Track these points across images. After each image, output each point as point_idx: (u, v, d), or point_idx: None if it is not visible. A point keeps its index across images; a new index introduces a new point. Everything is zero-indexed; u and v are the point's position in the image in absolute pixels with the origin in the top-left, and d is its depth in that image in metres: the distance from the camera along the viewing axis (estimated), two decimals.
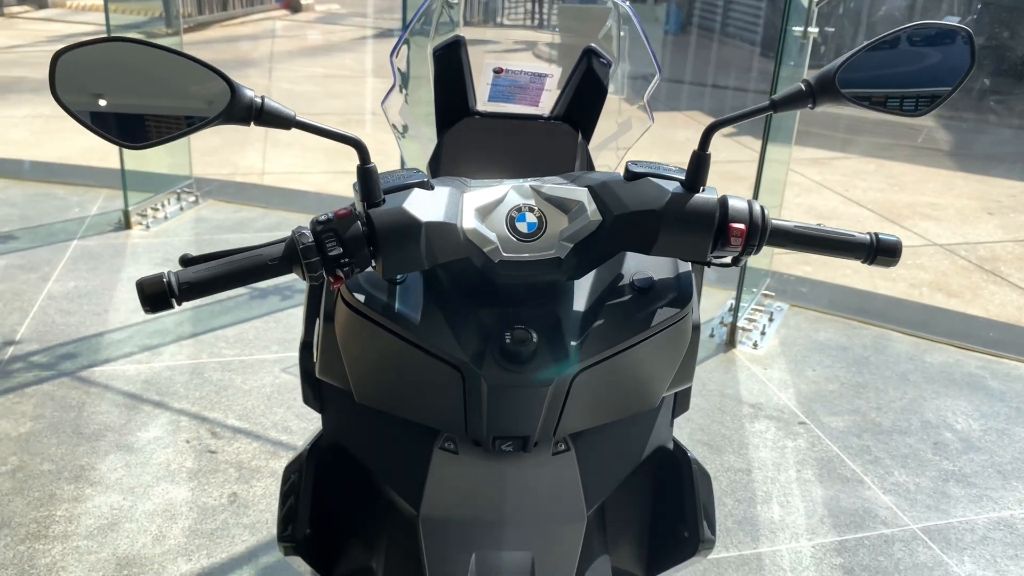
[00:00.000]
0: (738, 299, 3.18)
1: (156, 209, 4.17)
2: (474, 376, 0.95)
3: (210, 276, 0.86)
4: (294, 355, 2.96)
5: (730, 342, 3.18)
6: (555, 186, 0.97)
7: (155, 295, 0.84)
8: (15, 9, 11.87)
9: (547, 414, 1.00)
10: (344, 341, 1.03)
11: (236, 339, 3.05)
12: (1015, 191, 5.62)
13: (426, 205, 0.91)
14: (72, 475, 2.30)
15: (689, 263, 1.06)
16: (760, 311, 3.39)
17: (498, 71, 1.20)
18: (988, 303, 3.79)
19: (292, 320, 3.21)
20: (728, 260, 0.99)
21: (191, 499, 2.23)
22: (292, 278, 3.60)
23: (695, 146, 0.95)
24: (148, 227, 4.03)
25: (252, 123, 0.87)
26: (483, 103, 1.23)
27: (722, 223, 0.93)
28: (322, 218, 0.88)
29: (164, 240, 3.90)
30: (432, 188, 0.93)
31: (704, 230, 0.93)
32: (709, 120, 0.96)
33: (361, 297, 0.98)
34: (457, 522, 1.09)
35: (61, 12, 12.01)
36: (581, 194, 0.96)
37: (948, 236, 4.65)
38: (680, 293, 1.02)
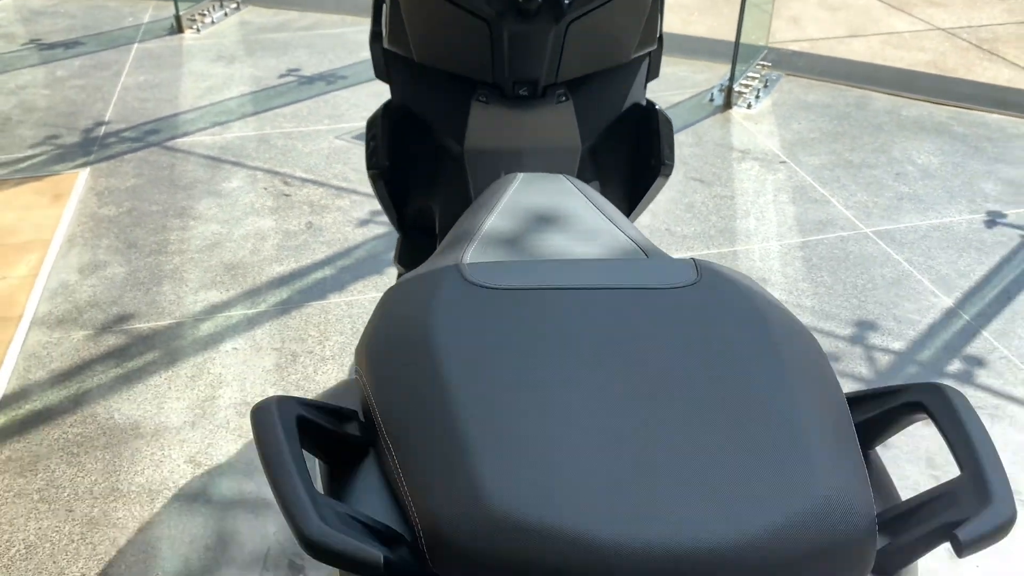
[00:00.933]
0: (734, 65, 3.54)
1: (203, 15, 4.53)
2: (498, 27, 1.40)
3: None
4: (345, 126, 3.42)
5: (727, 104, 3.57)
6: None
7: None
8: None
9: (550, 58, 1.45)
10: (406, 9, 1.47)
11: (292, 115, 3.51)
12: None
13: None
14: (176, 213, 2.83)
15: None
16: (756, 78, 3.76)
17: None
18: (979, 78, 4.08)
19: (337, 101, 3.64)
20: None
21: (275, 226, 2.76)
22: (333, 67, 3.99)
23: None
24: (199, 30, 4.41)
25: None
26: None
27: None
28: None
29: (215, 41, 4.29)
30: None
31: None
32: None
33: None
34: (490, 151, 1.57)
35: None
36: None
37: (953, 21, 4.85)
38: None
